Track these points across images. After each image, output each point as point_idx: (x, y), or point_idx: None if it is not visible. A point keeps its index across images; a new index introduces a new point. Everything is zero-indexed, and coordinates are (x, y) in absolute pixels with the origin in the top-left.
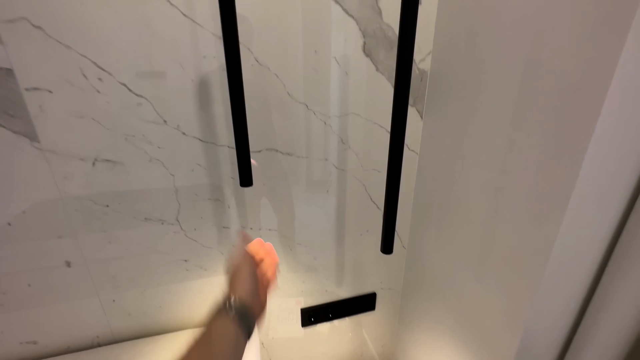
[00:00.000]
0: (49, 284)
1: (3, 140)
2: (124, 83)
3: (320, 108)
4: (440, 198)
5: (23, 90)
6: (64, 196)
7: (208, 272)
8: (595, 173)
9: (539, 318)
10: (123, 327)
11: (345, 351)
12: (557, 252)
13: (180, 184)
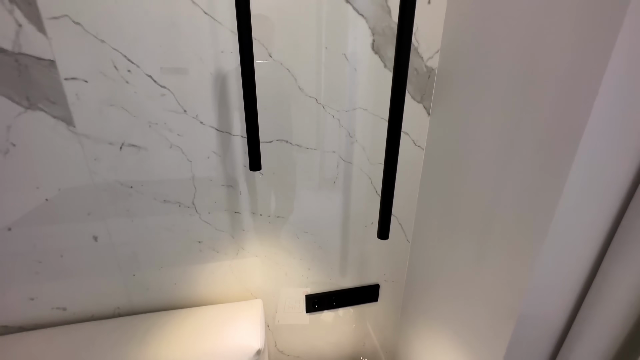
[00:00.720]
0: (78, 256)
1: (44, 124)
2: (150, 75)
3: (329, 102)
4: (443, 193)
5: (63, 80)
6: (94, 177)
7: (220, 255)
8: (588, 167)
9: (533, 308)
10: (141, 300)
11: (348, 340)
12: (550, 244)
13: (197, 169)
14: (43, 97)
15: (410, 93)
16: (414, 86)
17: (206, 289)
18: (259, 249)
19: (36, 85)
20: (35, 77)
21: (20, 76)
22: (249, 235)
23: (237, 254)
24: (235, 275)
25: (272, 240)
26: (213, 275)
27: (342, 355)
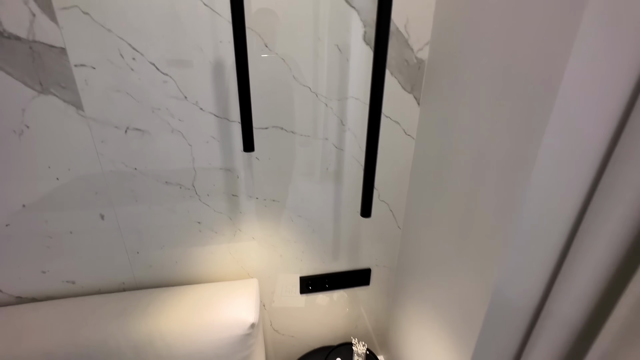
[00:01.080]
0: (86, 233)
1: (56, 108)
2: (153, 63)
3: (322, 91)
4: (432, 181)
5: (73, 66)
6: (101, 158)
7: (218, 235)
8: (558, 149)
9: (506, 287)
10: (145, 276)
11: (340, 323)
12: (523, 227)
13: (197, 153)
14: (55, 82)
15: (400, 84)
16: (405, 77)
17: (205, 268)
18: (255, 231)
19: (48, 71)
20: (48, 63)
21: (34, 62)
22: (246, 217)
23: (235, 235)
24: (232, 255)
25: (267, 223)
26: (212, 255)
27: (335, 336)
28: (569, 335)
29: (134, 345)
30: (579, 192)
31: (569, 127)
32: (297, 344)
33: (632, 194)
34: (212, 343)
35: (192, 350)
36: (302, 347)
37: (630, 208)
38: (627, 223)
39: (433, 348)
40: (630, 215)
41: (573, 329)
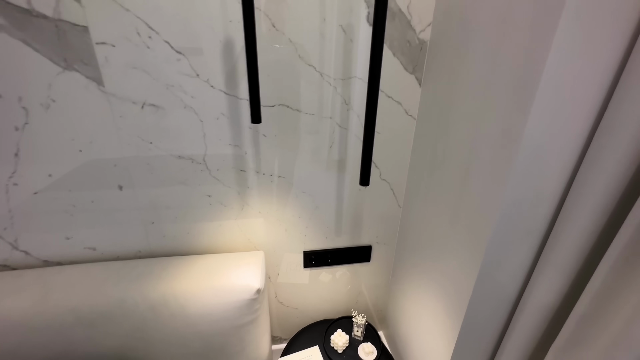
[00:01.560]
0: (106, 201)
1: (79, 83)
2: (167, 41)
3: (327, 71)
4: (431, 159)
5: (94, 44)
6: (120, 132)
7: (227, 209)
8: (543, 128)
9: (492, 258)
10: (159, 245)
11: (342, 298)
12: (505, 206)
13: (208, 129)
14: (78, 59)
15: (402, 64)
16: (407, 58)
17: (214, 240)
18: (261, 206)
19: (72, 48)
20: (72, 41)
21: (59, 40)
22: (253, 192)
23: (242, 209)
24: (240, 228)
25: (273, 198)
26: (221, 228)
27: (337, 310)
28: (552, 304)
29: (151, 305)
30: (560, 174)
31: (553, 109)
32: (300, 316)
33: (610, 176)
34: (222, 306)
35: (203, 312)
36: (305, 319)
37: (612, 179)
38: (607, 198)
39: (428, 322)
40: (611, 185)
41: (555, 297)
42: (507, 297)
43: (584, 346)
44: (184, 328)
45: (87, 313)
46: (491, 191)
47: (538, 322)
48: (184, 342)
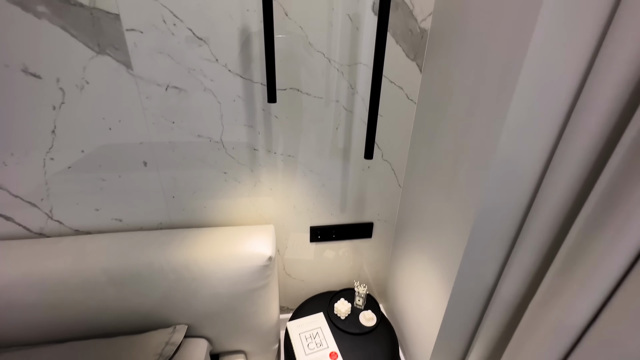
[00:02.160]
0: (132, 176)
1: (110, 67)
2: (190, 28)
3: (334, 57)
4: (429, 140)
5: (125, 31)
6: (146, 112)
7: (241, 185)
8: (526, 98)
9: (482, 223)
10: (178, 218)
11: (345, 273)
12: (493, 179)
13: (225, 110)
14: (109, 44)
15: (405, 52)
16: (409, 45)
17: (229, 214)
18: (272, 183)
19: (105, 34)
20: (105, 27)
21: (93, 26)
22: (264, 170)
23: (255, 185)
24: (252, 203)
25: (283, 176)
26: (235, 203)
27: (340, 283)
28: (537, 256)
29: (174, 268)
30: (542, 148)
31: (534, 90)
32: (305, 288)
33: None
34: (237, 271)
35: (221, 275)
36: (310, 290)
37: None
38: (584, 168)
39: (423, 292)
40: (589, 150)
41: (540, 252)
42: (494, 262)
43: (556, 297)
44: (204, 290)
45: (118, 274)
46: (480, 165)
47: (519, 284)
48: (203, 303)
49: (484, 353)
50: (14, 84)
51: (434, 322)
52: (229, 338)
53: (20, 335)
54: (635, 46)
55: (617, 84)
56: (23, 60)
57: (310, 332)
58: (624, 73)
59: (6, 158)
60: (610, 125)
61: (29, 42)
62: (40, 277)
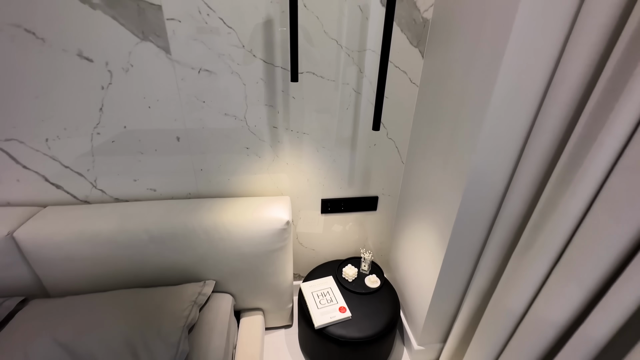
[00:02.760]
0: (166, 150)
1: (151, 52)
2: (221, 18)
3: (346, 43)
4: (429, 119)
5: (165, 20)
6: (180, 92)
7: (261, 159)
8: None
9: (472, 186)
10: (205, 188)
11: (352, 244)
12: (481, 147)
13: (249, 91)
14: (152, 32)
15: (409, 39)
16: (412, 33)
17: (250, 186)
18: (289, 158)
19: (148, 23)
20: (148, 17)
21: (139, 16)
22: (282, 146)
23: (273, 160)
24: (270, 176)
25: (298, 152)
26: (255, 176)
27: (346, 253)
28: (515, 229)
29: (205, 229)
30: (522, 124)
31: (514, 72)
32: (316, 256)
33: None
34: (259, 233)
35: (245, 236)
36: (320, 258)
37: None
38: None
39: (420, 258)
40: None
41: (519, 212)
42: (483, 219)
43: (530, 249)
44: (230, 249)
45: (157, 233)
46: (471, 136)
47: (503, 246)
48: (229, 261)
49: (473, 307)
50: (70, 66)
51: (429, 284)
52: (249, 295)
53: (76, 284)
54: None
55: (585, 63)
56: (78, 45)
57: (322, 290)
58: (588, 56)
59: (60, 132)
60: (579, 95)
61: (85, 29)
62: (92, 234)
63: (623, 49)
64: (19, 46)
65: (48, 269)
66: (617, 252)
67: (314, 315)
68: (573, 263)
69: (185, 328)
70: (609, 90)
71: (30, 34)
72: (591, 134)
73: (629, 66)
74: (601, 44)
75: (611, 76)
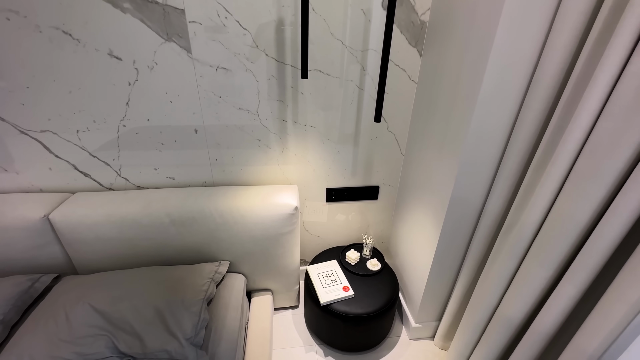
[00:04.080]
0: (185, 141)
1: (174, 51)
2: (237, 20)
3: (350, 44)
4: (426, 114)
5: (188, 22)
6: (199, 88)
7: (271, 150)
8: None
9: (463, 177)
10: (220, 177)
11: (354, 231)
12: (471, 134)
13: (261, 87)
14: (175, 33)
15: (407, 40)
16: (411, 34)
17: (260, 175)
18: (296, 149)
19: (172, 25)
20: (172, 20)
21: (164, 19)
22: (290, 138)
23: (282, 151)
24: (279, 166)
25: (305, 144)
26: (265, 166)
27: (349, 239)
28: (500, 210)
29: (220, 213)
30: (507, 117)
31: (500, 71)
32: (320, 242)
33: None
34: (270, 217)
35: (257, 220)
36: (324, 244)
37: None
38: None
39: (418, 242)
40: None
41: (502, 202)
42: (474, 205)
43: (513, 226)
44: (243, 232)
45: (177, 216)
46: (463, 128)
47: (490, 229)
48: (242, 243)
49: (465, 286)
50: (101, 64)
51: (426, 266)
52: (260, 276)
53: (103, 263)
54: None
55: (560, 61)
56: (109, 45)
57: (326, 272)
58: (562, 57)
59: (89, 124)
60: (554, 92)
61: (116, 31)
62: (119, 217)
63: (588, 51)
64: (56, 46)
65: (79, 248)
66: (584, 224)
67: (320, 293)
68: (548, 237)
69: (205, 300)
70: (578, 88)
71: (67, 35)
72: (563, 124)
73: (593, 67)
74: (573, 45)
75: (579, 74)
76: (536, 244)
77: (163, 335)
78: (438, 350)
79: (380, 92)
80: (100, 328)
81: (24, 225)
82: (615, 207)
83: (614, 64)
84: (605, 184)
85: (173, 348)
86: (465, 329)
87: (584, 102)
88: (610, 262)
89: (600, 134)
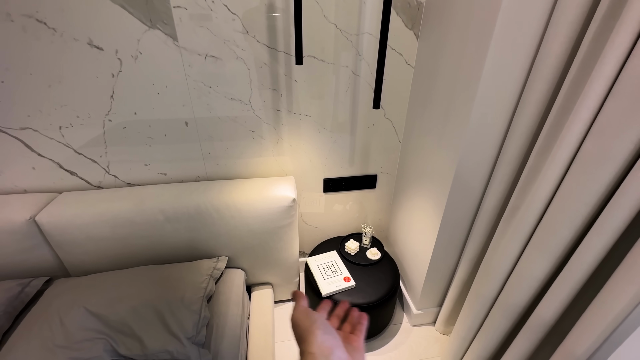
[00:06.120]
0: (175, 135)
1: (159, 39)
2: (225, 5)
3: (345, 28)
4: (424, 100)
5: (172, 7)
6: (188, 78)
7: (265, 142)
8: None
9: (464, 164)
10: (213, 171)
11: (352, 221)
12: (472, 125)
13: (253, 76)
14: (159, 20)
15: (404, 22)
16: (407, 16)
17: (256, 167)
18: (292, 140)
19: (156, 11)
20: (156, 5)
21: (147, 4)
22: (285, 128)
23: (277, 142)
24: (275, 158)
25: (301, 133)
26: (260, 158)
27: (348, 230)
28: (498, 206)
29: (216, 208)
30: (509, 100)
31: (503, 51)
32: (319, 233)
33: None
34: (267, 210)
35: (254, 214)
36: (322, 235)
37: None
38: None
39: (417, 231)
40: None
41: (504, 187)
42: (475, 190)
43: (517, 211)
44: (241, 227)
45: (172, 213)
46: (463, 114)
47: (492, 214)
48: (239, 237)
49: (466, 272)
50: (81, 55)
51: (426, 253)
52: (259, 269)
53: (97, 264)
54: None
55: (565, 41)
56: (89, 34)
57: (327, 263)
58: (567, 34)
59: (72, 120)
60: (559, 72)
61: (94, 18)
62: (111, 216)
63: (596, 27)
64: (31, 36)
65: (69, 250)
66: (591, 207)
67: (321, 285)
68: (553, 221)
69: (204, 298)
70: (584, 66)
71: (42, 24)
72: (569, 105)
73: (602, 44)
74: (580, 20)
75: (585, 53)
76: (541, 228)
77: (163, 336)
78: (439, 335)
79: (379, 78)
80: (98, 331)
81: (9, 228)
82: (625, 188)
83: (624, 41)
84: (614, 164)
85: (175, 348)
86: (467, 313)
87: (592, 81)
88: (612, 251)
89: (608, 113)
